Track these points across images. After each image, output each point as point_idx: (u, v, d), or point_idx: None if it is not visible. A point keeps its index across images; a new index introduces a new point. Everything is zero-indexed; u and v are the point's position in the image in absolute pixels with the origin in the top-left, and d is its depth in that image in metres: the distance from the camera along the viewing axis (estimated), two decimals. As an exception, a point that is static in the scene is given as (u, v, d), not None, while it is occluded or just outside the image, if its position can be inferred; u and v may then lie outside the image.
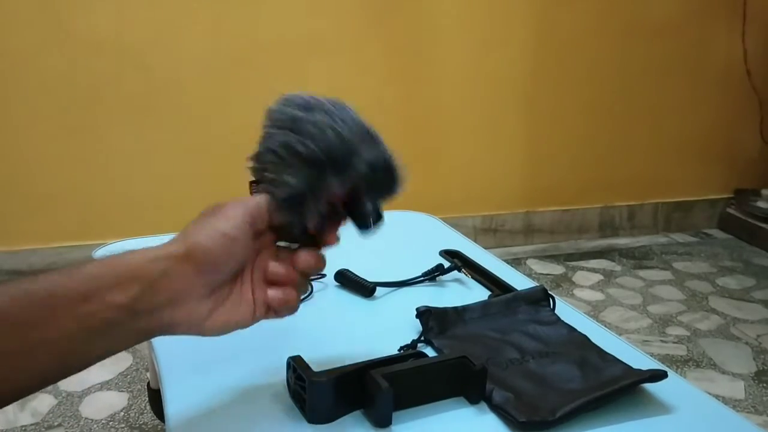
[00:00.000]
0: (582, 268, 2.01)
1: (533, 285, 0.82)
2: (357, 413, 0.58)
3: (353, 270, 0.84)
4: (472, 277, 0.88)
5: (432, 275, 0.87)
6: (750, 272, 2.02)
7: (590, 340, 0.71)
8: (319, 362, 0.57)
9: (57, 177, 1.67)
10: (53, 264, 1.69)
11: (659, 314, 1.73)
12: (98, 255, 0.92)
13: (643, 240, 2.27)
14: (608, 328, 0.76)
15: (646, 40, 2.11)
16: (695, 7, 2.13)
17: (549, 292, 0.78)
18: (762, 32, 2.22)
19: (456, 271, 0.88)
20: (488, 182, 2.09)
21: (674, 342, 1.59)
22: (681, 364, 1.49)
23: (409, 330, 0.72)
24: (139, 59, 1.65)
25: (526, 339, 0.70)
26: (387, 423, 0.56)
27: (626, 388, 0.61)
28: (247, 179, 0.58)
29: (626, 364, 0.65)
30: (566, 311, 0.78)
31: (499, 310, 0.76)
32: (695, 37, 2.17)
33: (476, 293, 0.84)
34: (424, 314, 0.71)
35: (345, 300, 0.82)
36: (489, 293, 0.83)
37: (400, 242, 0.99)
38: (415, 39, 1.88)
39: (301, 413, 0.57)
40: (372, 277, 0.84)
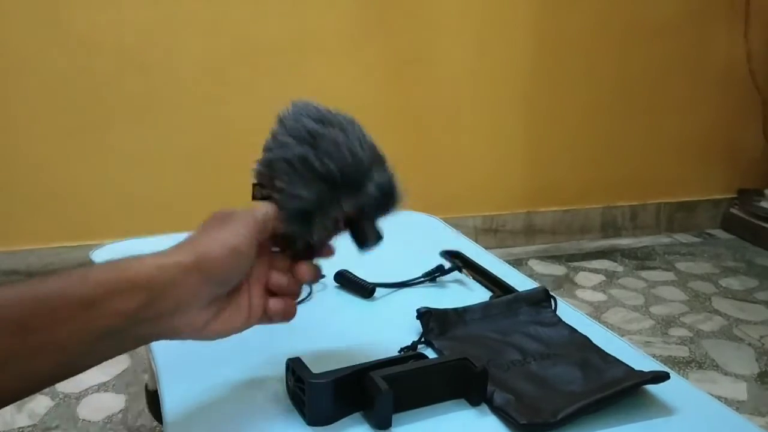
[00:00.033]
0: (584, 269, 2.01)
1: (534, 286, 0.81)
2: (356, 415, 0.57)
3: (353, 271, 0.84)
4: (473, 278, 0.88)
5: (432, 276, 0.87)
6: (753, 273, 2.02)
7: (592, 342, 0.70)
8: (319, 364, 0.57)
9: (56, 177, 1.67)
10: (51, 264, 1.69)
11: (662, 315, 1.72)
12: (97, 255, 0.92)
13: (646, 240, 2.26)
14: (610, 330, 0.76)
15: (646, 40, 2.10)
16: (695, 7, 2.13)
17: (550, 293, 0.78)
18: (765, 31, 2.21)
19: (457, 272, 0.88)
20: (489, 182, 2.09)
21: (677, 343, 1.58)
22: (683, 366, 1.49)
23: (410, 331, 0.72)
24: (139, 59, 1.65)
25: (528, 340, 0.70)
26: (387, 425, 0.56)
27: (628, 390, 0.60)
28: (248, 180, 0.58)
29: (628, 366, 0.65)
30: (568, 312, 0.77)
31: (500, 311, 0.75)
32: (695, 37, 2.16)
33: (477, 294, 0.83)
34: (425, 315, 0.71)
35: (345, 301, 0.82)
36: (490, 294, 0.83)
37: (400, 242, 0.98)
38: (415, 39, 1.88)
39: (300, 415, 0.57)
40: (372, 278, 0.83)
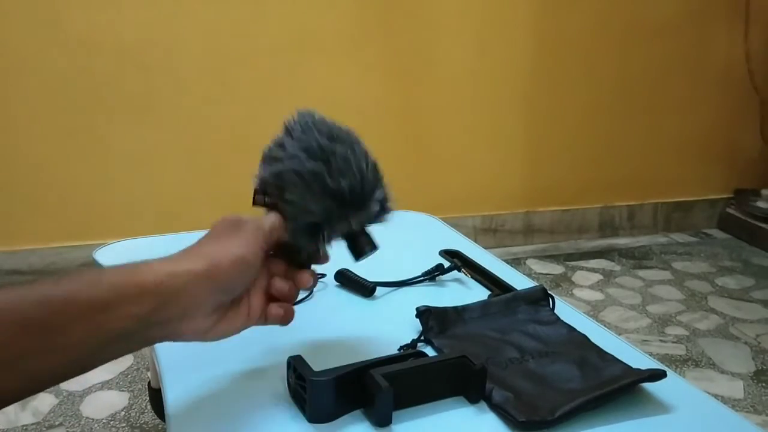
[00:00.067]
0: (582, 268, 2.01)
1: (533, 285, 0.82)
2: (357, 413, 0.58)
3: (353, 270, 0.84)
4: (472, 277, 0.88)
5: (432, 275, 0.87)
6: (749, 272, 2.03)
7: (590, 340, 0.71)
8: (320, 362, 0.58)
9: (56, 177, 1.67)
10: (53, 264, 1.69)
11: (658, 314, 1.73)
12: (100, 254, 0.93)
13: (643, 240, 2.27)
14: (608, 328, 0.77)
15: (646, 40, 2.11)
16: (695, 7, 2.13)
17: (548, 292, 0.78)
18: (765, 31, 2.22)
19: (456, 271, 0.88)
20: (488, 182, 2.09)
21: (673, 342, 1.59)
22: (680, 364, 1.50)
23: (409, 329, 0.72)
24: (139, 59, 1.65)
25: (526, 339, 0.71)
26: (387, 422, 0.56)
27: (625, 388, 0.61)
28: (248, 180, 0.59)
29: (625, 364, 0.65)
30: (566, 311, 0.78)
31: (499, 310, 0.76)
32: (695, 37, 2.17)
33: (476, 293, 0.84)
34: (424, 314, 0.72)
35: (345, 300, 0.82)
36: (489, 293, 0.83)
37: (400, 242, 0.99)
38: (415, 39, 1.88)
39: (302, 413, 0.57)
40: (372, 277, 0.84)
